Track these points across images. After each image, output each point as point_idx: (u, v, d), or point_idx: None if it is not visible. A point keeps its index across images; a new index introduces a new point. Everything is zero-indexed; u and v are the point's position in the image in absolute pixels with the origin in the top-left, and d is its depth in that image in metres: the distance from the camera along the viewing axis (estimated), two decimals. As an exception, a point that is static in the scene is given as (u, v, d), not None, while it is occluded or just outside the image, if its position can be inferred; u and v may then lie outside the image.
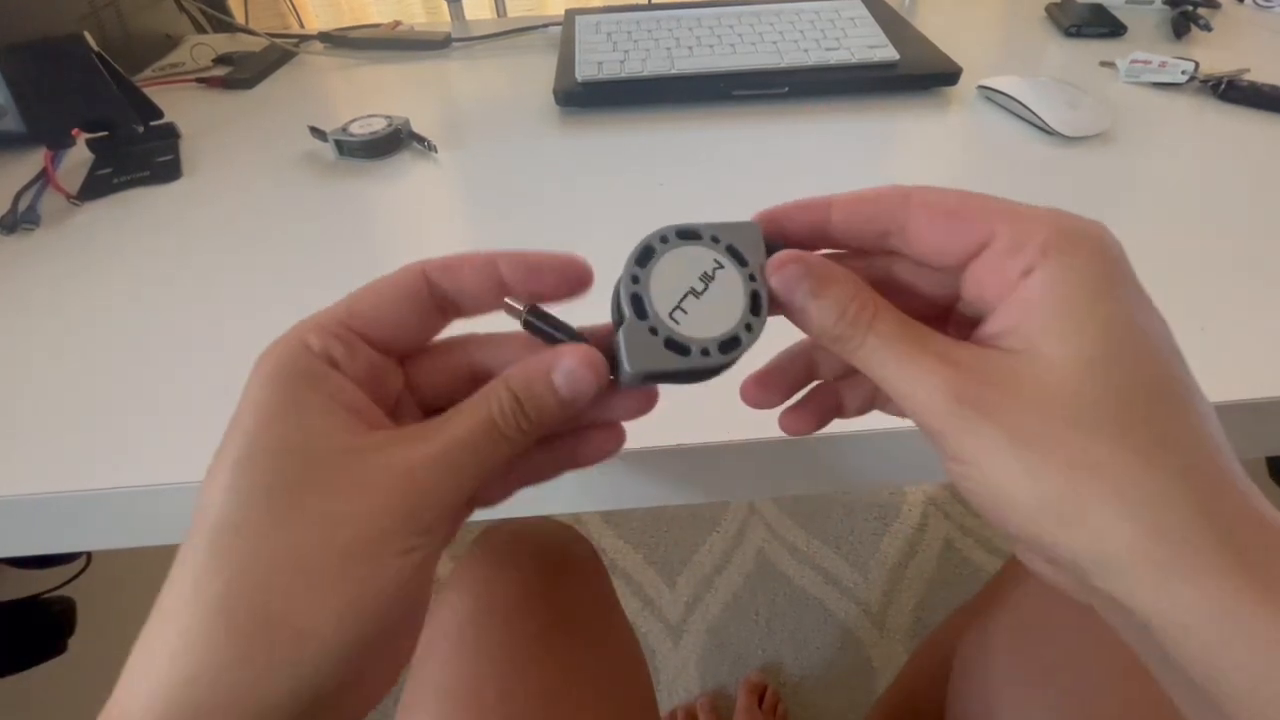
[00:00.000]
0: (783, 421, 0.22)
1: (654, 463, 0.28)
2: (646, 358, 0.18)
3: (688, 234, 0.19)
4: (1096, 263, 0.16)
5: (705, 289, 0.19)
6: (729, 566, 1.04)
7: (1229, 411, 0.28)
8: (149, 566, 0.85)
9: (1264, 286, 0.34)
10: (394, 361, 0.19)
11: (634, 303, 0.18)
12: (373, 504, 0.16)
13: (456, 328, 0.21)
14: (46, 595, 0.51)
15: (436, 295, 0.19)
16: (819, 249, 0.20)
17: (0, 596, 0.49)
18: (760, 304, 0.19)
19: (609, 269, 0.29)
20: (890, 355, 0.17)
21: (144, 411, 0.30)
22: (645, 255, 0.19)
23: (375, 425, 0.18)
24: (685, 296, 0.19)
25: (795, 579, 1.02)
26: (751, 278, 0.19)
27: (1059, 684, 0.36)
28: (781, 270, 0.18)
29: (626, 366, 0.18)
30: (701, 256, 0.19)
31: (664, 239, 0.19)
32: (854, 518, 1.09)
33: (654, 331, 0.18)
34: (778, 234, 0.20)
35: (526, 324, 0.20)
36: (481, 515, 0.31)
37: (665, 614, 0.99)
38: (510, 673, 0.37)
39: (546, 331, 0.20)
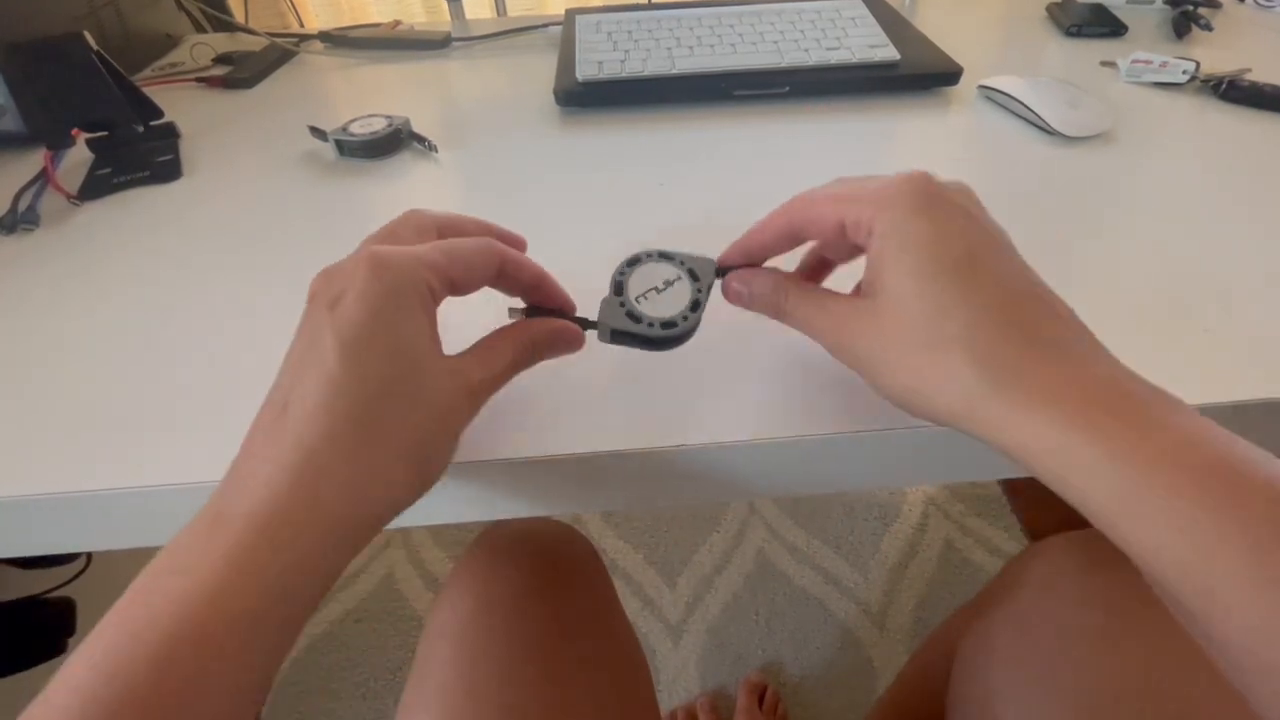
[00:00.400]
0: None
1: (654, 463, 0.28)
2: (612, 319, 0.27)
3: (666, 255, 0.29)
4: (909, 219, 0.22)
5: (664, 290, 0.28)
6: (729, 566, 1.04)
7: (1230, 412, 0.28)
8: (144, 564, 0.85)
9: (1266, 287, 0.34)
10: None
11: (616, 286, 0.28)
12: (448, 404, 0.23)
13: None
14: (46, 595, 0.51)
15: (499, 276, 0.26)
16: (763, 263, 0.29)
17: (1, 596, 0.49)
18: (697, 307, 0.27)
19: (610, 267, 0.29)
20: (799, 318, 0.26)
21: (144, 412, 0.30)
22: (633, 261, 0.29)
23: (444, 354, 0.24)
24: (650, 290, 0.28)
25: (795, 579, 1.02)
26: (697, 290, 0.28)
27: (1059, 683, 0.36)
28: (729, 283, 0.28)
29: (600, 322, 0.27)
30: (669, 271, 0.28)
31: (649, 254, 0.29)
32: (854, 518, 1.09)
33: (622, 305, 0.27)
34: (734, 263, 0.28)
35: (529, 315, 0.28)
36: (479, 517, 0.31)
37: (665, 614, 0.99)
38: (510, 672, 0.37)
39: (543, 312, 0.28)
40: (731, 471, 0.29)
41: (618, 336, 0.27)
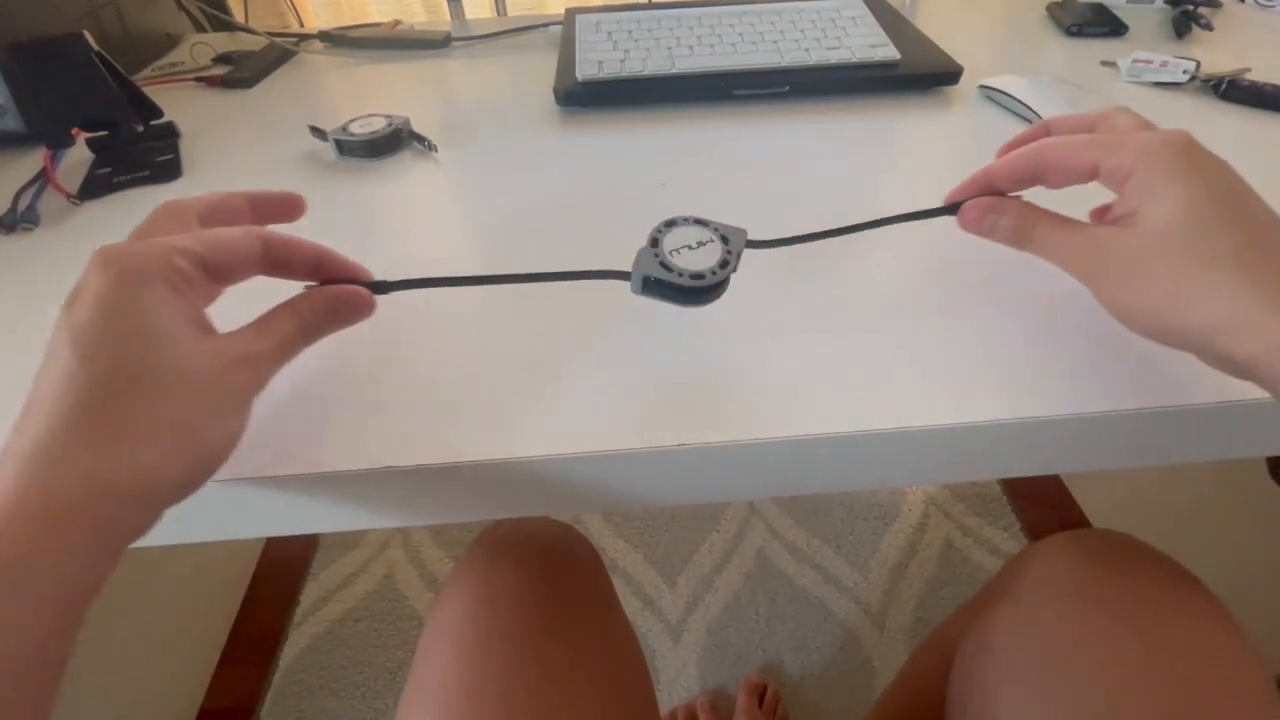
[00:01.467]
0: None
1: (654, 463, 0.28)
2: (646, 266, 0.29)
3: (701, 221, 0.31)
4: (1178, 161, 0.25)
5: (697, 248, 0.30)
6: (729, 566, 1.04)
7: (1231, 412, 0.28)
8: (149, 566, 0.85)
9: (1265, 286, 0.34)
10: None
11: (653, 240, 0.30)
12: (206, 378, 0.23)
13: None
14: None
15: (267, 259, 0.26)
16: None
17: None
18: (726, 265, 0.29)
19: (610, 265, 0.29)
20: (1050, 242, 0.29)
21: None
22: (670, 223, 0.31)
23: (209, 332, 0.24)
24: (683, 247, 0.30)
25: (795, 578, 1.02)
26: (727, 252, 0.30)
27: (1059, 684, 0.36)
28: (967, 211, 0.31)
29: (634, 269, 0.29)
30: (703, 234, 0.30)
31: (685, 219, 0.31)
32: (854, 517, 1.09)
33: (656, 255, 0.29)
34: (966, 197, 0.32)
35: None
36: (479, 517, 0.31)
37: (665, 613, 0.99)
38: (510, 672, 0.37)
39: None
40: (731, 471, 0.29)
41: (649, 285, 0.29)
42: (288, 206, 0.30)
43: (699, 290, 0.28)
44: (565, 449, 0.27)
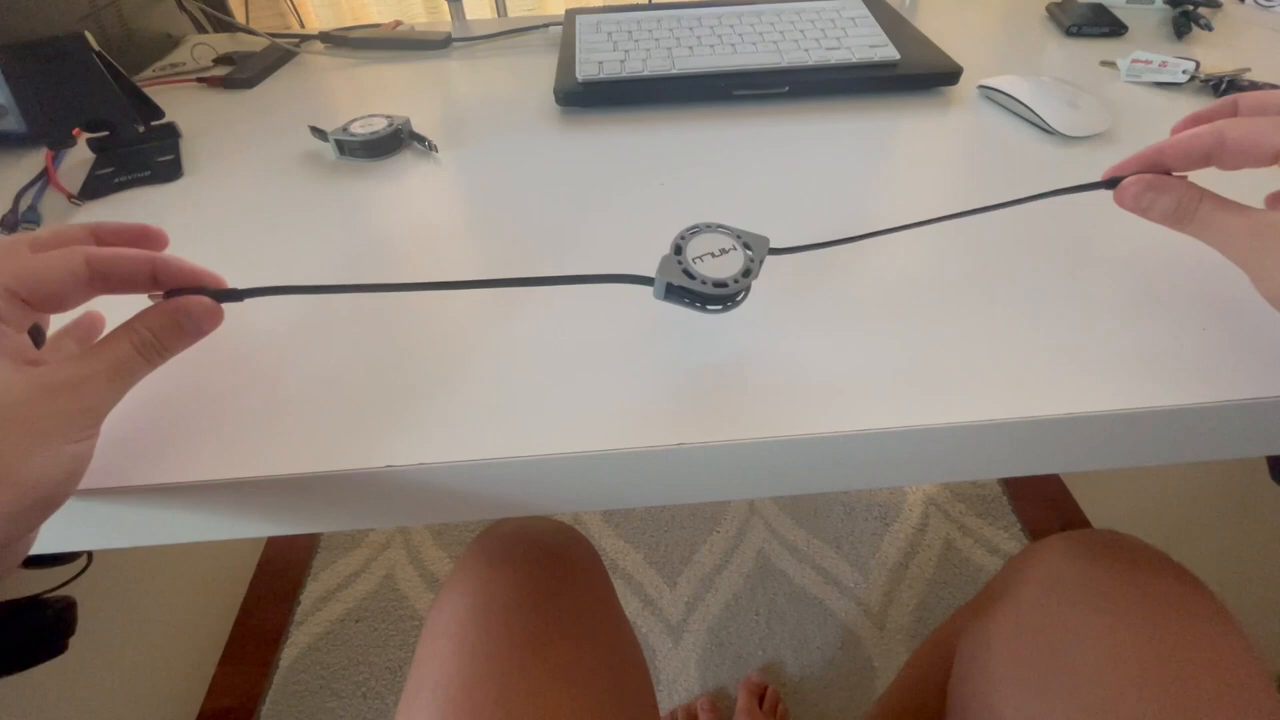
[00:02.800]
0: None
1: (654, 462, 0.28)
2: (669, 274, 0.29)
3: (724, 227, 0.31)
4: None
5: (720, 256, 0.30)
6: (729, 566, 1.04)
7: (1231, 412, 0.28)
8: (149, 566, 0.85)
9: (1265, 286, 0.34)
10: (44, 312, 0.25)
11: (676, 248, 0.30)
12: (20, 408, 0.21)
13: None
14: (47, 594, 0.51)
15: (95, 277, 0.25)
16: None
17: (1, 596, 0.49)
18: (749, 274, 0.29)
19: (610, 267, 0.29)
20: (1215, 222, 0.28)
21: (141, 411, 0.30)
22: (694, 230, 0.31)
23: (35, 363, 0.23)
24: (706, 255, 0.30)
25: (795, 579, 1.02)
26: (750, 260, 0.30)
27: (1059, 684, 0.36)
28: (1127, 188, 0.30)
29: (657, 274, 0.29)
30: (726, 241, 0.30)
31: (708, 225, 0.31)
32: (854, 517, 1.09)
33: (679, 263, 0.29)
34: (1131, 171, 0.31)
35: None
36: (480, 517, 0.31)
37: (665, 614, 0.99)
38: (509, 672, 0.37)
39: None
40: (732, 471, 0.29)
41: (672, 292, 0.29)
42: (138, 237, 0.29)
43: (721, 298, 0.29)
44: (565, 448, 0.27)
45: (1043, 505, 1.10)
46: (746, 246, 0.30)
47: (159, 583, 0.87)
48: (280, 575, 1.07)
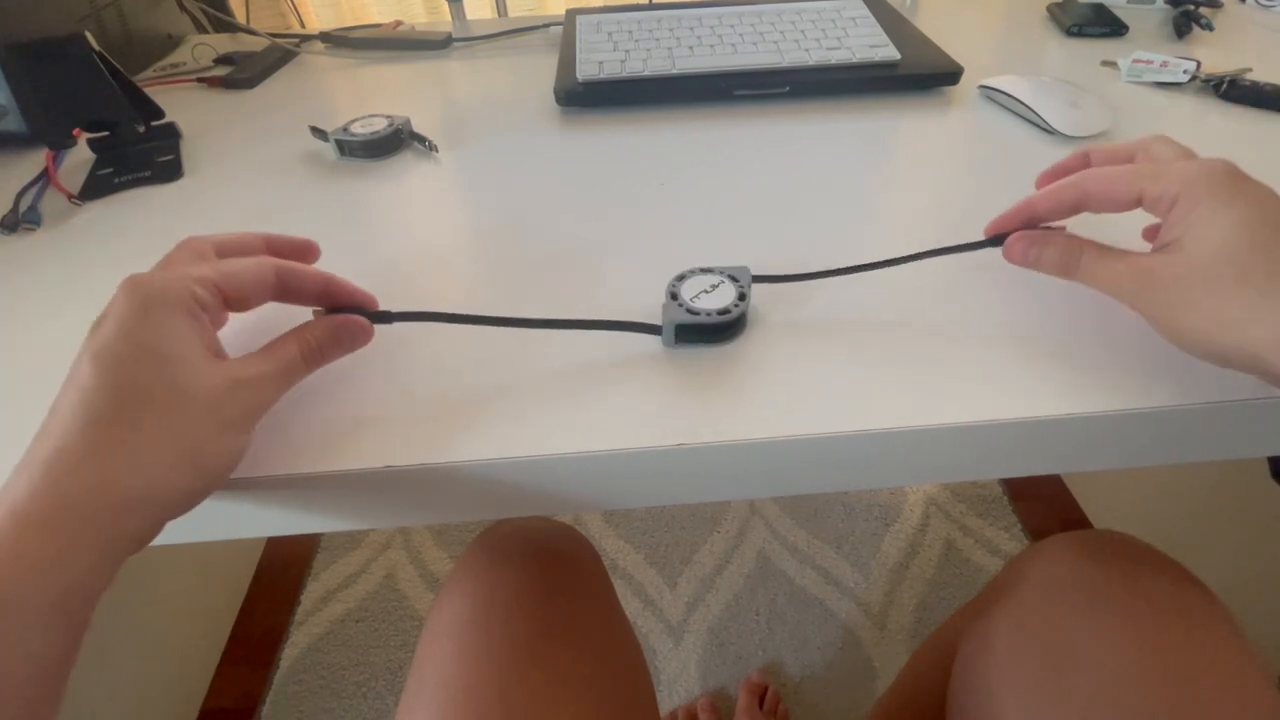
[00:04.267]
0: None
1: (654, 463, 0.28)
2: (674, 316, 0.30)
3: (706, 269, 0.33)
4: (1223, 189, 0.26)
5: (712, 291, 0.32)
6: (730, 566, 1.04)
7: (1232, 412, 0.28)
8: (145, 563, 0.85)
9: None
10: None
11: (671, 294, 0.32)
12: (212, 398, 0.24)
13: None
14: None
15: (279, 286, 0.28)
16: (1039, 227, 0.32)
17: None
18: (744, 298, 0.31)
19: (610, 267, 0.29)
20: (1095, 273, 0.29)
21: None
22: (681, 276, 0.33)
23: (221, 357, 0.25)
24: (700, 293, 0.32)
25: (796, 579, 1.02)
26: (740, 288, 0.32)
27: (1060, 685, 0.36)
28: (1013, 245, 0.31)
29: (664, 322, 0.31)
30: (712, 278, 0.33)
31: (691, 271, 0.33)
32: (855, 518, 1.09)
33: (680, 305, 0.31)
34: (1011, 228, 0.32)
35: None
36: (481, 517, 0.31)
37: (666, 614, 0.99)
38: (509, 672, 0.37)
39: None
40: (732, 471, 0.29)
41: (681, 333, 0.30)
42: (302, 250, 0.32)
43: (727, 325, 0.31)
44: (565, 449, 0.27)
45: (1043, 505, 1.10)
46: (733, 278, 0.32)
47: (159, 582, 0.87)
48: (281, 575, 1.07)
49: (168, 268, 0.26)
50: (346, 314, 0.29)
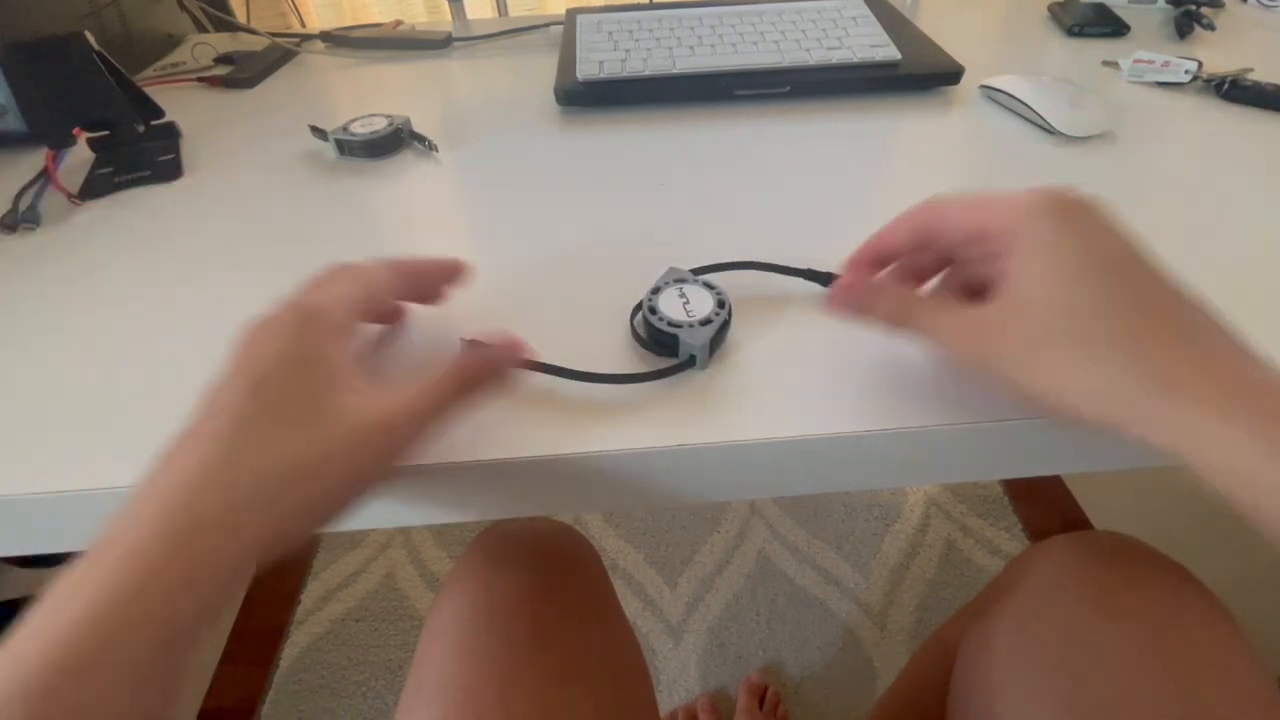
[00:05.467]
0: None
1: (655, 463, 0.28)
2: (696, 336, 0.29)
3: (656, 289, 0.31)
4: (1051, 224, 0.23)
5: (691, 300, 0.31)
6: (730, 566, 1.04)
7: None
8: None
9: (1267, 288, 0.34)
10: None
11: (670, 324, 0.30)
12: (348, 430, 0.22)
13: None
14: (47, 594, 0.51)
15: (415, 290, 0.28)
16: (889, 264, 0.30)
17: (4, 595, 0.49)
18: (722, 305, 0.31)
19: (611, 266, 0.29)
20: (928, 327, 0.26)
21: (144, 411, 0.30)
22: (655, 293, 0.31)
23: (373, 381, 0.24)
24: (684, 308, 0.30)
25: (796, 579, 1.02)
26: (718, 297, 0.31)
27: (1061, 685, 0.36)
28: (834, 295, 0.29)
29: (693, 350, 0.29)
30: (674, 293, 0.31)
31: (651, 299, 0.31)
32: (855, 518, 1.09)
33: (692, 326, 0.30)
34: (862, 266, 0.30)
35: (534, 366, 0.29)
36: (480, 517, 0.31)
37: (666, 614, 0.99)
38: (509, 672, 0.37)
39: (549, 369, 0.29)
40: (732, 471, 0.29)
41: (713, 344, 0.30)
42: (451, 272, 0.31)
43: (729, 317, 0.30)
44: (565, 449, 0.27)
45: (1043, 506, 1.10)
46: (708, 286, 0.31)
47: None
48: (280, 575, 1.07)
49: (320, 287, 0.26)
50: (500, 351, 0.27)
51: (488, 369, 0.26)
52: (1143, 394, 0.21)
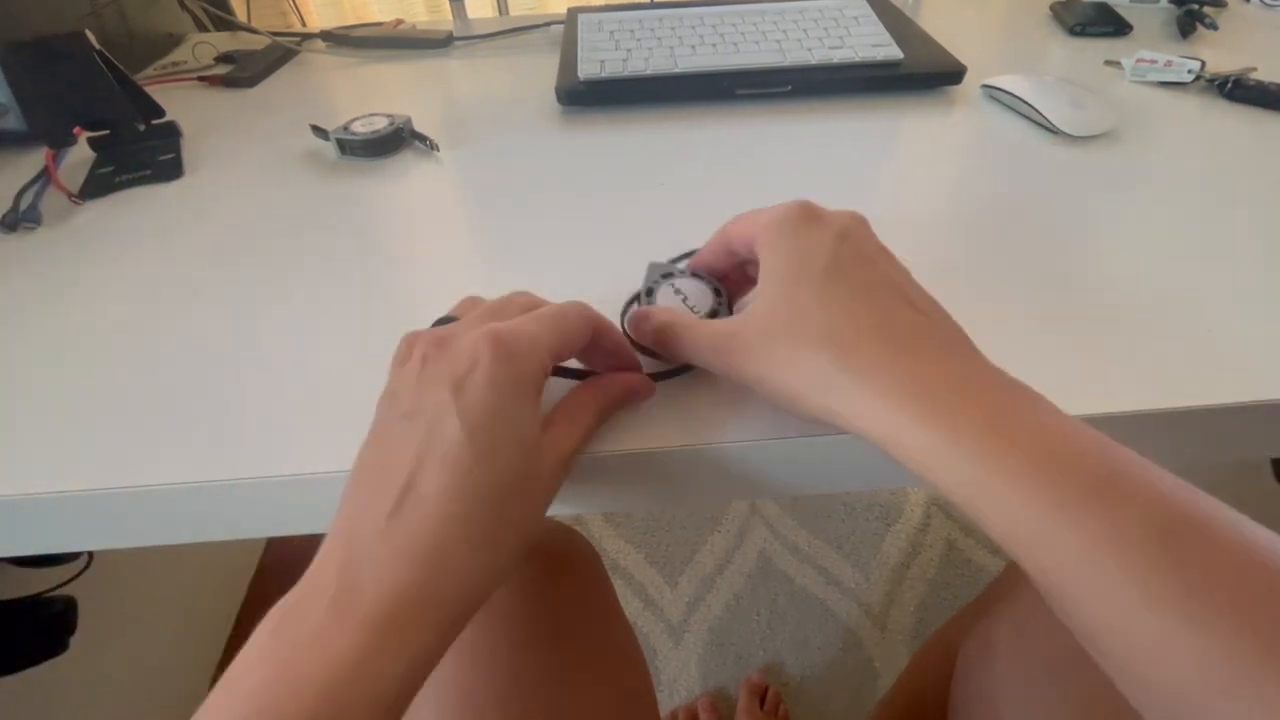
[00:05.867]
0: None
1: (656, 463, 0.28)
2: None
3: (666, 276, 0.31)
4: (781, 235, 0.25)
5: (689, 299, 0.29)
6: (730, 566, 1.04)
7: (1235, 413, 0.28)
8: (150, 566, 0.85)
9: (1270, 287, 0.34)
10: None
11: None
12: (551, 484, 0.23)
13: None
14: (48, 594, 0.51)
15: (591, 345, 0.26)
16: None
17: (2, 595, 0.49)
18: (720, 293, 0.30)
19: (611, 266, 0.29)
20: (685, 348, 0.27)
21: (145, 411, 0.30)
22: (650, 293, 0.30)
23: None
24: (683, 302, 0.29)
25: (797, 579, 1.02)
26: (713, 286, 0.30)
27: (1061, 685, 0.36)
28: (631, 323, 0.29)
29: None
30: (669, 287, 0.30)
31: (649, 290, 0.30)
32: (856, 518, 1.09)
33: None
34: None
35: (558, 372, 0.27)
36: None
37: (667, 614, 0.99)
38: (509, 674, 0.37)
39: (572, 373, 0.28)
40: (733, 471, 0.29)
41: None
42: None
43: (729, 301, 0.30)
44: (566, 449, 0.27)
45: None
46: (695, 275, 0.31)
47: (160, 582, 0.87)
48: (281, 575, 1.06)
49: (502, 316, 0.24)
50: (631, 373, 0.28)
51: (627, 398, 0.27)
52: (847, 386, 0.22)
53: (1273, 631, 0.16)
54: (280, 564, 1.08)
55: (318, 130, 0.49)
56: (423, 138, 0.49)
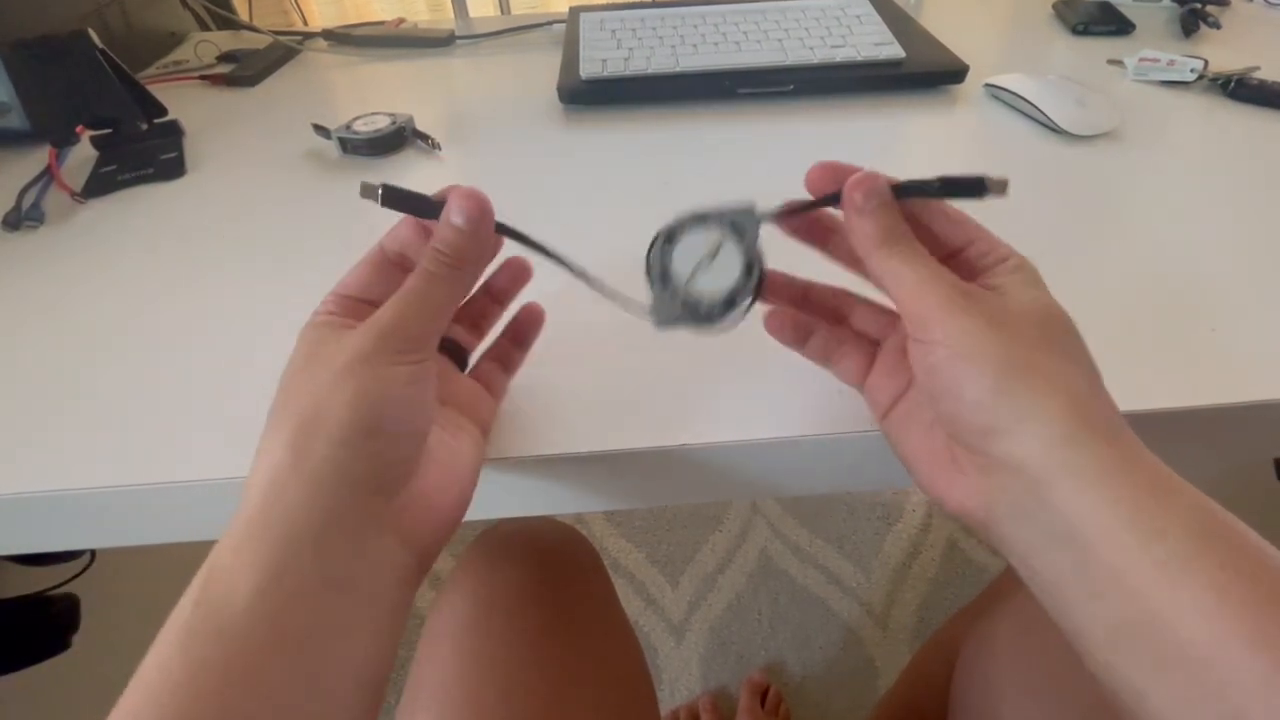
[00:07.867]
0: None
1: (656, 462, 0.28)
2: (666, 313, 0.25)
3: (701, 217, 0.25)
4: (1037, 276, 0.25)
5: (714, 260, 0.25)
6: (731, 566, 1.04)
7: (1236, 413, 0.28)
8: (152, 564, 0.85)
9: (1273, 287, 0.33)
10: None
11: (662, 274, 0.25)
12: (359, 340, 0.23)
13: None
14: (51, 592, 0.51)
15: (391, 256, 0.26)
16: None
17: (4, 593, 0.49)
18: (751, 270, 0.25)
19: (611, 266, 0.29)
20: (906, 263, 0.24)
21: (147, 409, 0.30)
22: (671, 236, 0.25)
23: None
24: (697, 268, 0.25)
25: (798, 578, 1.02)
26: (748, 250, 0.25)
27: (1062, 685, 0.36)
28: (854, 190, 0.25)
29: (654, 316, 0.25)
30: (710, 235, 0.25)
31: (681, 224, 0.25)
32: (857, 517, 1.09)
33: (673, 295, 0.25)
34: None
35: (386, 199, 0.24)
36: (482, 515, 0.31)
37: (668, 613, 0.99)
38: (510, 674, 0.37)
39: (410, 202, 0.24)
40: (734, 471, 0.29)
41: (679, 321, 0.25)
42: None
43: (733, 319, 0.25)
44: (566, 448, 0.27)
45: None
46: (735, 230, 0.25)
47: (162, 580, 0.87)
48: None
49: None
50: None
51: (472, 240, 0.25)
52: (1042, 417, 0.21)
53: None
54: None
55: (320, 129, 0.49)
56: (424, 137, 0.49)
